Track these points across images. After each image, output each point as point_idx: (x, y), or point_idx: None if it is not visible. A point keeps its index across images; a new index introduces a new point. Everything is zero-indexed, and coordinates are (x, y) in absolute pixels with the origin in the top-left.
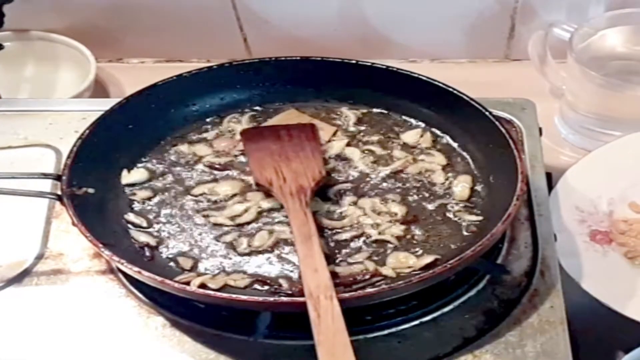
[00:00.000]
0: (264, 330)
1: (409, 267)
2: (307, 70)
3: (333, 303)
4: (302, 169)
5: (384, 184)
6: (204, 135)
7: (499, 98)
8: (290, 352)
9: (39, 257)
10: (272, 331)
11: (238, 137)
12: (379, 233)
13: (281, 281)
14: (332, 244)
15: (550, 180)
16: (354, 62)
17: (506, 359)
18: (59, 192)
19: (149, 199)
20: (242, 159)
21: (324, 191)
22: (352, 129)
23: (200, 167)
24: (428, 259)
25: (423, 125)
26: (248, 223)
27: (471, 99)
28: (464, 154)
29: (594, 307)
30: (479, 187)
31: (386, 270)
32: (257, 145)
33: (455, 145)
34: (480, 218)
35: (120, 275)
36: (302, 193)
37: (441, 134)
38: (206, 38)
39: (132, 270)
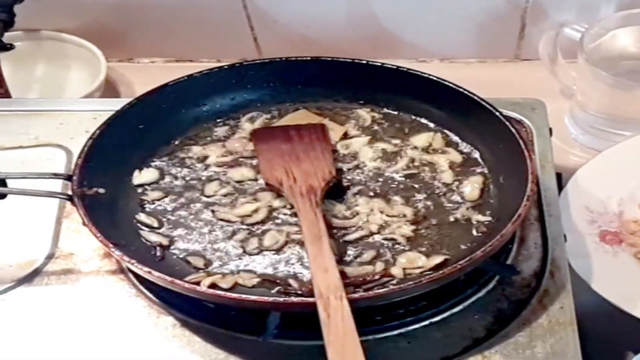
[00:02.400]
0: (274, 331)
1: (419, 268)
2: (318, 71)
3: (343, 303)
4: (312, 169)
5: (394, 185)
6: (215, 135)
7: (509, 98)
8: (299, 353)
9: (50, 257)
10: (281, 331)
11: (248, 137)
12: (389, 233)
13: (291, 281)
14: (342, 244)
15: (560, 181)
16: (364, 62)
17: (516, 359)
18: (70, 192)
19: (160, 199)
20: (252, 159)
21: (334, 191)
22: (362, 129)
23: (211, 167)
24: (438, 259)
25: (433, 125)
26: (258, 223)
27: (481, 99)
28: (474, 154)
29: (603, 308)
30: (489, 188)
31: (396, 271)
32: (268, 146)
33: (465, 145)
34: (490, 218)
35: (131, 275)
36: (312, 193)
37: (451, 134)
38: (217, 38)
39: (142, 270)
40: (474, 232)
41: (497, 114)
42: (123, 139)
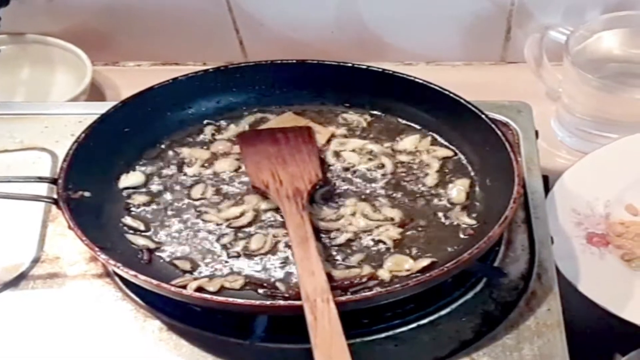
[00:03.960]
0: (261, 334)
1: (406, 270)
2: (304, 74)
3: (330, 306)
4: (299, 172)
5: (381, 187)
6: (201, 138)
7: (495, 101)
8: (287, 356)
9: (35, 261)
10: (268, 334)
11: (234, 140)
12: (376, 236)
13: (278, 284)
14: (329, 247)
15: (547, 183)
16: (350, 65)
17: None
18: (55, 196)
19: (146, 202)
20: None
21: (321, 194)
22: (349, 132)
23: (197, 170)
24: (425, 262)
25: (420, 128)
26: (245, 226)
27: (467, 102)
28: (461, 157)
29: (591, 310)
30: (475, 190)
31: (383, 273)
32: (254, 149)
33: (452, 148)
34: (476, 221)
35: (117, 279)
36: (298, 196)
37: (438, 137)
38: (202, 41)
39: (128, 273)
40: (461, 235)
41: (483, 116)
42: (108, 143)
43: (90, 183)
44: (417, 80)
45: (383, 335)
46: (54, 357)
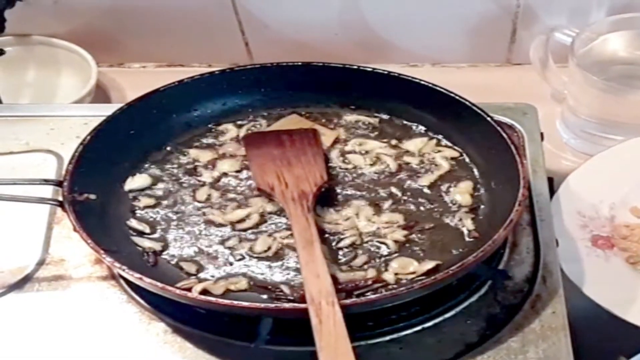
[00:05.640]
0: (266, 337)
1: (411, 273)
2: (309, 76)
3: (335, 309)
4: (304, 174)
5: (386, 190)
6: (206, 140)
7: (500, 103)
8: (291, 358)
9: (40, 263)
10: (273, 337)
11: (240, 142)
12: (381, 238)
13: (283, 287)
14: (334, 250)
15: (552, 185)
16: (355, 67)
17: None
18: (61, 198)
19: (152, 205)
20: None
21: (326, 197)
22: (354, 134)
23: (202, 172)
24: (429, 264)
25: (425, 130)
26: (250, 228)
27: (472, 104)
28: (466, 159)
29: (595, 313)
30: (480, 193)
31: (388, 276)
32: (259, 151)
33: (457, 150)
34: (481, 224)
35: (122, 281)
36: (303, 198)
37: (443, 139)
38: (208, 43)
39: (133, 276)
40: (466, 238)
41: (489, 118)
42: (114, 145)
43: (96, 185)
44: (422, 82)
45: (388, 338)
46: None
